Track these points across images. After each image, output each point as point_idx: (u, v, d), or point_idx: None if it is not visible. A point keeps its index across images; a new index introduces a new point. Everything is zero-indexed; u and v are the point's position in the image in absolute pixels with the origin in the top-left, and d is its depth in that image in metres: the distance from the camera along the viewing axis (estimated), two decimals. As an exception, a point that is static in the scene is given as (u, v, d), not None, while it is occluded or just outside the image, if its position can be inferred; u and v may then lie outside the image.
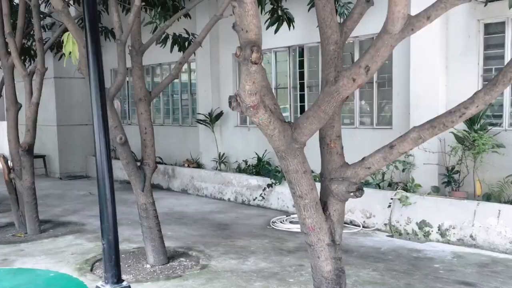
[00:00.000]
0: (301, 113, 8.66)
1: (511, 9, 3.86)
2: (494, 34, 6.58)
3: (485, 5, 4.96)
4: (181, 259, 5.80)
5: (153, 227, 5.51)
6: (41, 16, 8.01)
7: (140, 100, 5.46)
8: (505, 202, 6.06)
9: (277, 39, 7.71)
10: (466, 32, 6.66)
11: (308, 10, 6.43)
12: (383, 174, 7.26)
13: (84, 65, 4.86)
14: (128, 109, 13.06)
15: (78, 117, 12.92)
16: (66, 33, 4.95)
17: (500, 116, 6.57)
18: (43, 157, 13.04)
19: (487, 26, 6.61)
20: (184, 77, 11.49)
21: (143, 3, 5.52)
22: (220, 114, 10.01)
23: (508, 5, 3.14)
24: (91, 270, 5.50)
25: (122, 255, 5.76)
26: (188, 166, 10.46)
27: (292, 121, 4.20)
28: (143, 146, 5.54)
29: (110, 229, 3.51)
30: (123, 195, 9.53)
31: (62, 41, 5.10)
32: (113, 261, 3.54)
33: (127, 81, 12.22)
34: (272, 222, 7.44)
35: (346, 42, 3.69)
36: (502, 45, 6.47)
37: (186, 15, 6.82)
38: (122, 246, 6.10)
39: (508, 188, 6.18)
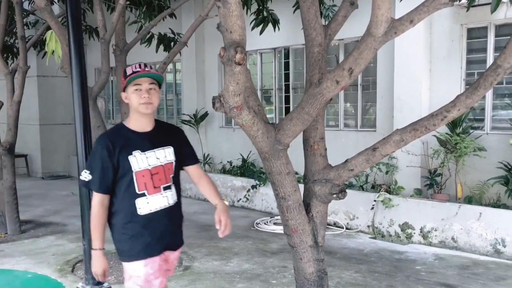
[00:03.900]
0: (286, 114, 8.67)
1: (493, 14, 3.91)
2: (477, 38, 6.66)
3: (467, 10, 5.02)
4: (164, 260, 5.75)
5: (135, 228, 5.45)
6: (24, 13, 7.91)
7: (124, 100, 5.41)
8: (486, 205, 6.14)
9: (262, 41, 7.72)
10: (449, 36, 6.74)
11: (293, 12, 6.44)
12: (367, 176, 7.31)
13: (67, 64, 4.81)
14: (112, 109, 12.95)
15: (61, 116, 12.76)
16: (49, 31, 4.90)
17: (482, 120, 6.66)
18: (25, 156, 12.86)
19: (470, 30, 6.70)
20: (169, 77, 11.43)
21: (128, 2, 5.48)
22: (205, 114, 9.98)
23: (490, 10, 3.18)
24: (72, 271, 5.43)
25: (104, 256, 5.70)
26: (172, 167, 10.39)
27: (277, 122, 4.20)
28: (127, 146, 5.48)
29: (91, 230, 3.47)
30: (106, 195, 9.44)
31: (45, 39, 5.04)
32: (94, 262, 3.50)
33: (112, 81, 12.13)
34: (256, 223, 7.43)
35: (331, 44, 3.71)
36: (484, 50, 6.56)
37: (172, 15, 6.79)
38: (105, 246, 6.04)
39: (489, 191, 6.26)
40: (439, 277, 5.12)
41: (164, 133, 2.84)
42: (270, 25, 6.35)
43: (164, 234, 2.80)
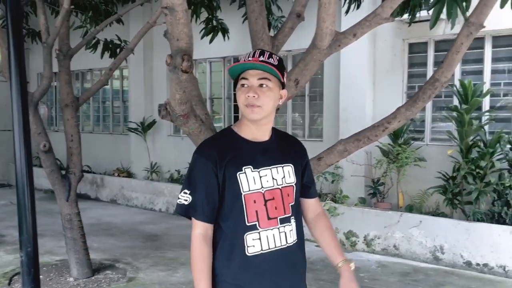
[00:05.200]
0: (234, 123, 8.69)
1: (432, 30, 4.10)
2: (418, 53, 6.96)
3: (409, 25, 5.23)
4: (107, 271, 5.60)
5: (77, 239, 5.29)
6: (-39, 14, 7.54)
7: (67, 106, 5.26)
8: (425, 213, 6.38)
9: (212, 50, 7.71)
10: (392, 51, 6.99)
11: (243, 22, 6.48)
12: (313, 185, 7.41)
13: (6, 68, 4.62)
14: (56, 115, 12.54)
15: (0, 122, 12.21)
16: (-12, 34, 4.69)
17: (422, 131, 6.94)
18: (-41, 164, 12.20)
19: (411, 45, 6.99)
20: (116, 84, 11.21)
21: (73, 7, 5.34)
22: (153, 122, 9.84)
23: (429, 26, 3.32)
24: (9, 284, 5.18)
25: (44, 268, 5.49)
26: (118, 175, 10.17)
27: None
28: (69, 154, 5.33)
29: (29, 241, 3.33)
30: (47, 205, 9.09)
31: (-17, 41, 4.82)
32: (32, 274, 3.37)
33: (55, 86, 11.75)
34: (203, 232, 7.36)
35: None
36: (425, 64, 6.86)
37: (119, 21, 6.67)
38: (44, 259, 5.81)
39: (429, 199, 6.51)
40: (382, 284, 5.25)
41: (284, 146, 2.09)
42: (220, 34, 6.36)
43: (277, 284, 1.98)
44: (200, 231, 1.91)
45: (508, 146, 5.87)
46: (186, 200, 1.95)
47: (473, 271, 5.64)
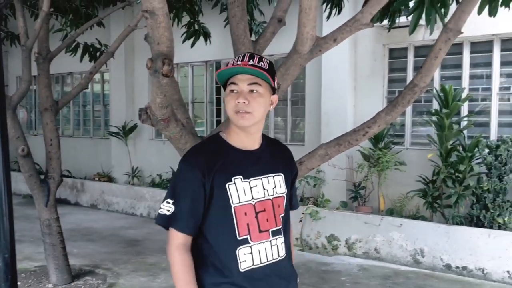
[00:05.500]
0: (216, 127, 8.68)
1: (412, 36, 4.16)
2: (398, 58, 7.05)
3: (388, 31, 5.30)
4: (87, 277, 5.53)
5: (56, 244, 5.21)
6: None
7: (46, 110, 5.19)
8: (406, 217, 6.44)
9: (194, 53, 7.69)
10: (372, 56, 7.07)
11: (225, 26, 6.48)
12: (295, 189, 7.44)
13: (-16, 71, 4.54)
14: (35, 119, 12.37)
15: (-23, 126, 11.99)
16: (-36, 36, 4.62)
17: (402, 136, 7.02)
18: None
19: (391, 51, 7.07)
20: (97, 87, 11.11)
21: (52, 9, 5.28)
22: (134, 126, 9.77)
23: (409, 32, 3.37)
24: (-14, 291, 5.08)
25: (22, 274, 5.40)
26: (99, 180, 10.06)
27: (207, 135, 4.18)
28: (48, 159, 5.26)
29: (7, 247, 3.27)
30: (26, 210, 8.96)
31: (-40, 44, 4.74)
32: (9, 281, 3.31)
33: (34, 90, 11.60)
34: (185, 237, 7.32)
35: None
36: (404, 69, 6.95)
37: (100, 24, 6.62)
38: (23, 265, 5.72)
39: (409, 203, 6.58)
40: None
41: (274, 154, 1.98)
42: (201, 38, 6.35)
43: None
44: (181, 241, 1.82)
45: (486, 150, 5.96)
46: (168, 211, 1.83)
47: (453, 274, 5.71)
